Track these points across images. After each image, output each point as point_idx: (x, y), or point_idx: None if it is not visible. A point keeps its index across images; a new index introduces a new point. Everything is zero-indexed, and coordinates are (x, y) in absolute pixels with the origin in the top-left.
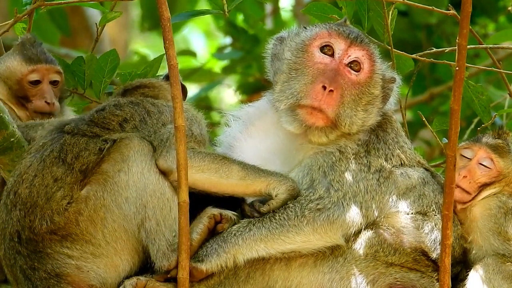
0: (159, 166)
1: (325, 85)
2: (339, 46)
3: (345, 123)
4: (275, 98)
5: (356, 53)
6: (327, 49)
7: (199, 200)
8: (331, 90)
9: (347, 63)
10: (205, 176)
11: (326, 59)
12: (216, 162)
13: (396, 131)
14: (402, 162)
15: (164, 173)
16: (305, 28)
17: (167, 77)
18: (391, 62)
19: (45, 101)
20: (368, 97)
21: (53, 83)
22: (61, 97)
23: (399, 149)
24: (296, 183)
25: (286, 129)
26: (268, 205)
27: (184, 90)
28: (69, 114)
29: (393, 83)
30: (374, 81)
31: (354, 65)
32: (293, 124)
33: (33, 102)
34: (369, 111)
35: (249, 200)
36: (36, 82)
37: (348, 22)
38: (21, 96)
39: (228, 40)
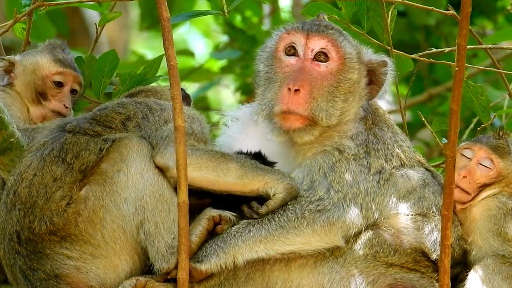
0: (156, 162)
1: (289, 86)
2: (299, 42)
3: (322, 117)
4: (254, 112)
5: (317, 44)
6: (290, 50)
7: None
8: (296, 90)
9: (312, 57)
10: (202, 174)
11: (292, 60)
12: (214, 160)
13: (392, 129)
14: (402, 162)
15: (161, 170)
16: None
17: None
18: None
19: (64, 104)
20: (345, 84)
21: (73, 92)
22: (73, 108)
23: (398, 148)
24: (294, 181)
25: (271, 139)
26: (266, 205)
27: (188, 99)
28: None
29: (385, 67)
30: (347, 66)
31: (319, 56)
32: (274, 132)
33: (52, 102)
34: (350, 100)
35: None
36: (60, 84)
37: (322, 17)
38: (40, 92)
39: (226, 38)
